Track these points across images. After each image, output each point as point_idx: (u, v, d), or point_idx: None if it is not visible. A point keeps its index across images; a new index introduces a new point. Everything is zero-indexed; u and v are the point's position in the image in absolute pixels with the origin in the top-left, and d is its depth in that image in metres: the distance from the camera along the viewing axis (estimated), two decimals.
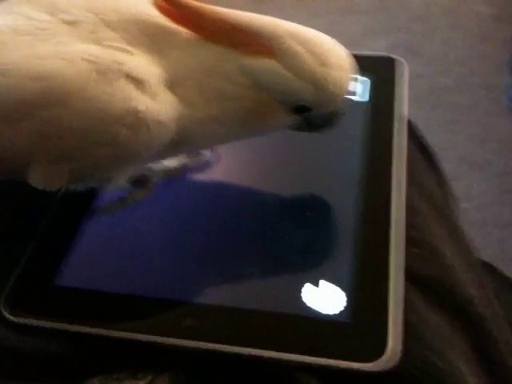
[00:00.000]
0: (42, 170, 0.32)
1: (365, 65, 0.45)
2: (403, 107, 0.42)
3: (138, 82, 0.29)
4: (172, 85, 0.31)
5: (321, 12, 1.65)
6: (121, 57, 0.30)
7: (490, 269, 0.84)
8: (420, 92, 1.36)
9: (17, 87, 0.29)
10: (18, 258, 0.36)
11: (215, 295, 0.33)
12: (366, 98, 0.43)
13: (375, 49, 1.49)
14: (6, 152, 0.31)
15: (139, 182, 0.39)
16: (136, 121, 0.29)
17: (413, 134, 0.46)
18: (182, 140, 0.32)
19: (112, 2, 0.32)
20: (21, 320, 0.33)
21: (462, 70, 1.41)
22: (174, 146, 0.32)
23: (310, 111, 0.33)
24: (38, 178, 0.32)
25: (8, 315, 0.33)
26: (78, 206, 0.39)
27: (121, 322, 0.32)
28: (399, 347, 0.30)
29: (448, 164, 1.17)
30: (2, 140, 0.30)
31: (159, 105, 0.30)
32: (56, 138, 0.30)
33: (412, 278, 0.34)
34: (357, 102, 0.43)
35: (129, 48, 0.30)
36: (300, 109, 0.33)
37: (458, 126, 1.29)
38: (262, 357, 0.30)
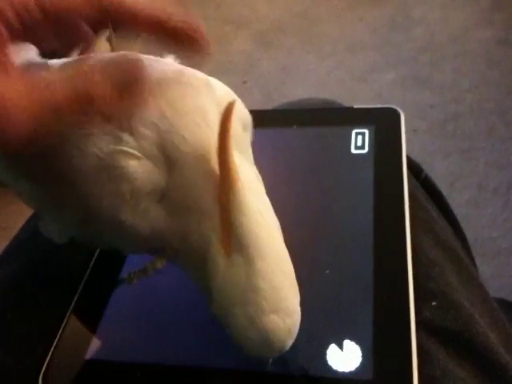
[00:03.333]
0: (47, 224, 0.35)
1: (362, 117, 0.46)
2: (403, 156, 0.42)
3: (128, 190, 0.30)
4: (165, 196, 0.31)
5: (329, 52, 1.68)
6: (125, 162, 0.30)
7: (504, 304, 0.82)
8: (434, 122, 1.36)
9: None
10: (55, 334, 0.37)
11: (244, 361, 0.33)
12: (366, 149, 0.44)
13: (385, 82, 1.50)
14: None
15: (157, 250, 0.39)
16: (118, 225, 0.30)
17: (419, 177, 0.46)
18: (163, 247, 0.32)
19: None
20: None
21: (474, 97, 1.41)
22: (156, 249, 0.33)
23: None
24: (43, 229, 0.36)
25: None
26: (106, 278, 0.40)
27: None
28: None
29: (469, 192, 1.17)
30: None
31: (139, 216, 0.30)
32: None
33: (433, 330, 0.34)
34: (359, 155, 0.44)
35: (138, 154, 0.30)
36: None
37: (475, 153, 1.29)
38: None
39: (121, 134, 0.30)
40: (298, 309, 0.29)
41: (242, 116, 0.34)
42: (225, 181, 0.28)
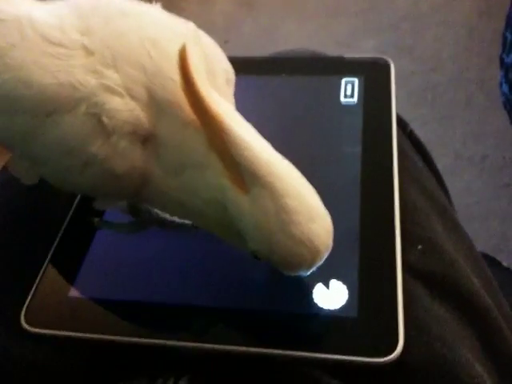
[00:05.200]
0: (15, 162, 0.36)
1: (352, 67, 0.46)
2: (392, 106, 0.42)
3: (106, 127, 0.30)
4: (150, 140, 0.31)
5: (310, 16, 1.66)
6: (106, 98, 0.30)
7: (493, 262, 0.85)
8: (414, 89, 1.37)
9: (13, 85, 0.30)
10: (36, 272, 0.37)
11: (227, 298, 0.34)
12: (355, 99, 0.44)
13: (365, 49, 1.50)
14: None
15: (136, 212, 0.39)
16: (88, 158, 0.30)
17: (405, 131, 0.47)
18: (144, 192, 0.32)
19: (141, 52, 0.31)
20: (41, 331, 0.34)
21: (455, 66, 1.42)
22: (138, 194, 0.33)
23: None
24: (11, 168, 0.36)
25: (29, 327, 0.34)
26: (89, 220, 0.40)
27: (136, 329, 0.33)
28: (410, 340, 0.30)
29: (446, 160, 1.19)
30: None
31: (116, 155, 0.30)
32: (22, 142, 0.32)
33: (417, 273, 0.34)
34: (348, 105, 0.44)
35: (123, 92, 0.30)
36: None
37: (453, 121, 1.30)
38: (277, 356, 0.31)
39: (103, 69, 0.30)
40: (325, 209, 0.29)
41: (225, 68, 0.34)
42: (210, 125, 0.28)
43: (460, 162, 1.22)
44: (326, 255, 0.29)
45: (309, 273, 0.30)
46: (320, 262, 0.29)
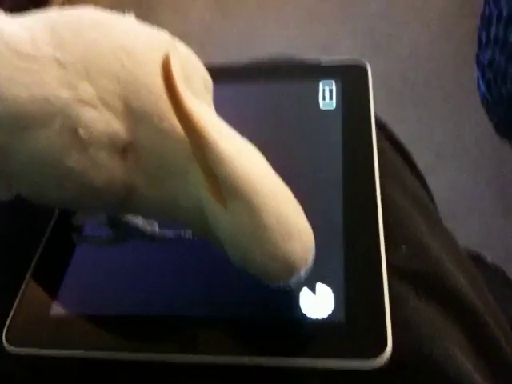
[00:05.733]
0: None
1: (330, 71, 0.46)
2: (371, 108, 0.43)
3: (82, 140, 0.29)
4: (129, 150, 0.30)
5: (287, 20, 1.67)
6: (81, 110, 0.29)
7: (477, 258, 0.85)
8: (392, 90, 1.38)
9: None
10: (17, 290, 0.36)
11: (215, 307, 0.34)
12: (334, 103, 0.44)
13: (343, 52, 1.50)
14: None
15: (116, 225, 0.39)
16: (66, 172, 0.30)
17: (386, 133, 0.47)
18: (130, 202, 0.32)
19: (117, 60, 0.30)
20: (22, 350, 0.33)
21: (432, 66, 1.43)
22: (124, 205, 0.32)
23: None
24: None
25: (11, 348, 0.34)
26: (69, 235, 0.39)
27: (122, 343, 0.33)
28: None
29: (427, 158, 1.19)
30: None
31: (94, 167, 0.30)
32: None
33: (402, 273, 0.34)
34: (327, 109, 0.44)
35: (98, 103, 0.29)
36: None
37: (432, 120, 1.31)
38: (267, 364, 0.31)
39: (77, 81, 0.29)
40: (308, 225, 0.29)
41: (202, 76, 0.34)
42: (192, 134, 0.28)
43: (441, 159, 1.23)
44: (304, 271, 0.29)
45: (292, 285, 0.30)
46: (299, 277, 0.29)
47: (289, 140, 0.43)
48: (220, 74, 0.37)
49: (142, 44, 0.32)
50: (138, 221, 0.38)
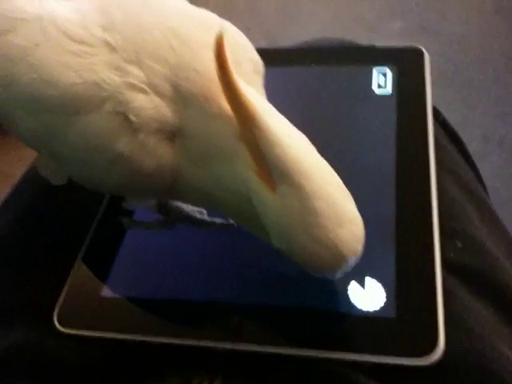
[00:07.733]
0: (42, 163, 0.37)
1: (385, 56, 0.45)
2: (428, 97, 0.41)
3: (132, 125, 0.29)
4: (177, 135, 0.30)
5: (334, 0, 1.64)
6: (131, 95, 0.29)
7: None
8: (441, 71, 1.34)
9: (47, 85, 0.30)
10: (68, 272, 0.37)
11: (263, 296, 0.33)
12: (389, 89, 0.43)
13: (392, 32, 1.47)
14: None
15: (165, 211, 0.39)
16: (115, 156, 0.30)
17: (440, 120, 0.45)
18: (176, 188, 0.32)
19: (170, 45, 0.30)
20: (73, 332, 0.34)
21: (481, 47, 1.38)
22: (171, 190, 0.32)
23: None
24: (39, 169, 0.37)
25: (61, 328, 0.34)
26: (119, 219, 0.40)
27: (169, 328, 0.33)
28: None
29: (475, 143, 1.16)
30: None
31: (143, 152, 0.30)
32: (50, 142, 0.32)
33: (455, 269, 0.33)
34: (382, 95, 0.42)
35: (147, 89, 0.29)
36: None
37: (481, 104, 1.27)
38: (314, 357, 0.30)
39: (127, 66, 0.29)
40: (359, 215, 0.28)
41: (252, 57, 0.33)
42: (242, 116, 0.27)
43: (489, 145, 1.20)
44: (353, 261, 0.28)
45: (338, 276, 0.29)
46: (347, 267, 0.28)
47: (341, 126, 0.42)
48: (272, 58, 0.36)
49: (192, 25, 0.31)
50: (187, 207, 0.38)
